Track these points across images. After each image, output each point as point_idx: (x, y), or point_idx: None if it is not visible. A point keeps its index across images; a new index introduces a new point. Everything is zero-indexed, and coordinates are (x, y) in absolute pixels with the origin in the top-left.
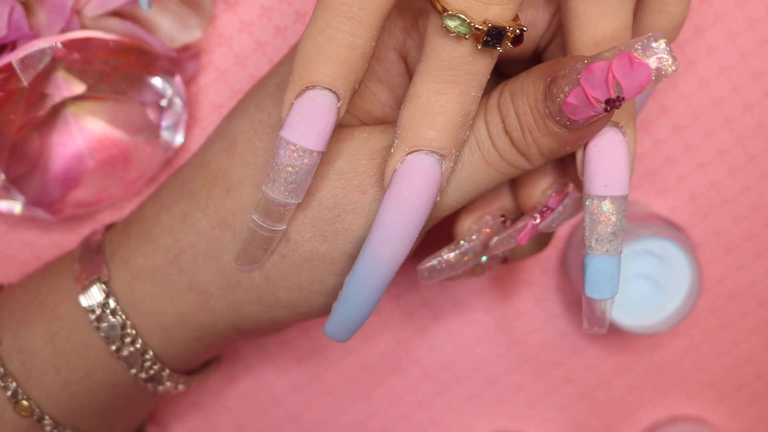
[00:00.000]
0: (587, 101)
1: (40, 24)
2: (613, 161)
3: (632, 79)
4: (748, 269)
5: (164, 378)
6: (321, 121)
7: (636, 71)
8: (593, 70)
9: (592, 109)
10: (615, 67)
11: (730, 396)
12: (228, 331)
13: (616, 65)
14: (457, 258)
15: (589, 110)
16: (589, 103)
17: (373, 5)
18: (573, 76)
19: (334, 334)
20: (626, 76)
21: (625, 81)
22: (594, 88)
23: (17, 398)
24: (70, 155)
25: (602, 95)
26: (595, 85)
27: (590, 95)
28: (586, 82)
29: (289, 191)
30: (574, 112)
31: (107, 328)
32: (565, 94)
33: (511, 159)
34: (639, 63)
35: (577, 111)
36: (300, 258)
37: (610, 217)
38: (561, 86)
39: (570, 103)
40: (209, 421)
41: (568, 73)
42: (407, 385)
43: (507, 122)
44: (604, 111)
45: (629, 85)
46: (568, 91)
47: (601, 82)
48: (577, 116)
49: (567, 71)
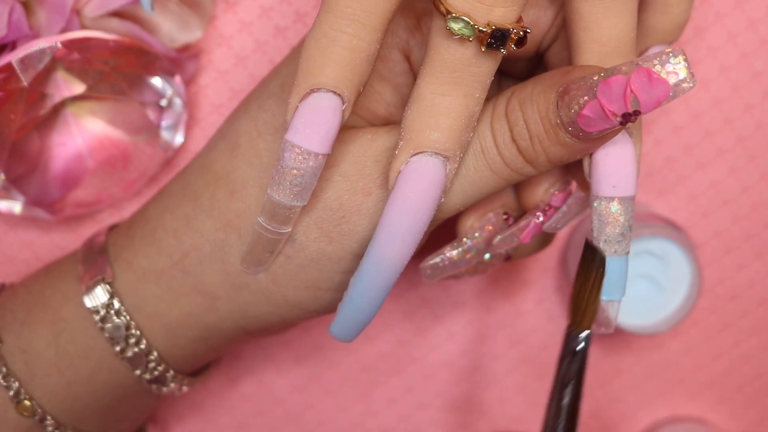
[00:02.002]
0: (603, 114)
1: (40, 24)
2: (620, 162)
3: (650, 95)
4: (748, 269)
5: (169, 379)
6: (326, 124)
7: (654, 87)
8: (611, 84)
9: (607, 122)
10: (633, 81)
11: (730, 396)
12: (234, 331)
13: (635, 80)
14: (460, 256)
15: (604, 123)
16: (605, 116)
17: (377, 8)
18: (589, 89)
19: (340, 334)
20: (644, 90)
21: (643, 96)
22: (611, 102)
23: (19, 398)
24: (70, 155)
25: (619, 109)
26: (613, 98)
27: (607, 108)
28: (603, 96)
29: (295, 194)
30: (588, 125)
31: (112, 329)
32: (579, 105)
33: (517, 167)
34: (658, 79)
35: (592, 123)
36: (306, 258)
37: (619, 218)
38: (575, 97)
39: (585, 116)
40: (209, 421)
41: (583, 85)
42: (407, 385)
43: (515, 131)
44: (620, 124)
45: (647, 99)
46: (583, 103)
47: (618, 96)
48: (591, 128)
49: (582, 83)
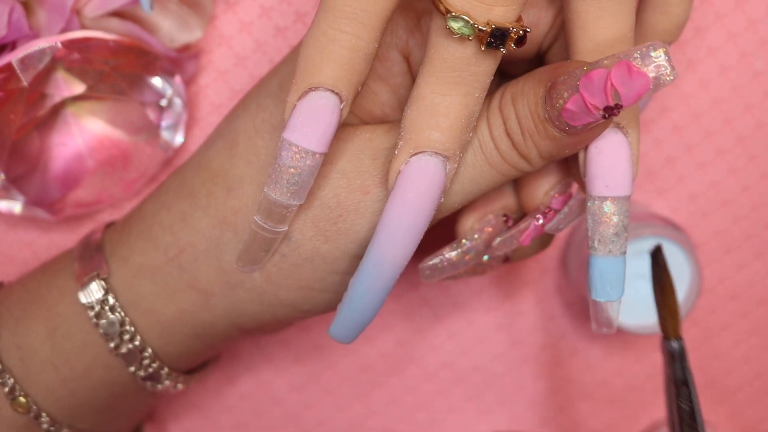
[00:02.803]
0: (586, 108)
1: (40, 24)
2: (613, 162)
3: (630, 88)
4: (748, 269)
5: (163, 376)
6: (324, 123)
7: (634, 80)
8: (592, 78)
9: (590, 116)
10: (613, 75)
11: (730, 396)
12: (229, 329)
13: (615, 73)
14: (459, 257)
15: (587, 116)
16: (587, 110)
17: (375, 7)
18: (572, 83)
19: (339, 335)
20: (624, 84)
21: (623, 89)
22: (592, 96)
23: (15, 395)
24: (70, 155)
25: (600, 102)
26: (594, 92)
27: (589, 102)
28: (585, 89)
29: (292, 192)
30: (572, 118)
31: (106, 325)
32: (564, 100)
33: (513, 161)
34: (637, 72)
35: (575, 117)
36: (300, 257)
37: (612, 217)
38: (560, 92)
39: (569, 109)
40: (208, 421)
41: (567, 80)
42: (407, 385)
43: (508, 125)
44: (603, 118)
45: (627, 93)
46: (567, 98)
47: (599, 89)
48: (575, 122)
49: (566, 77)
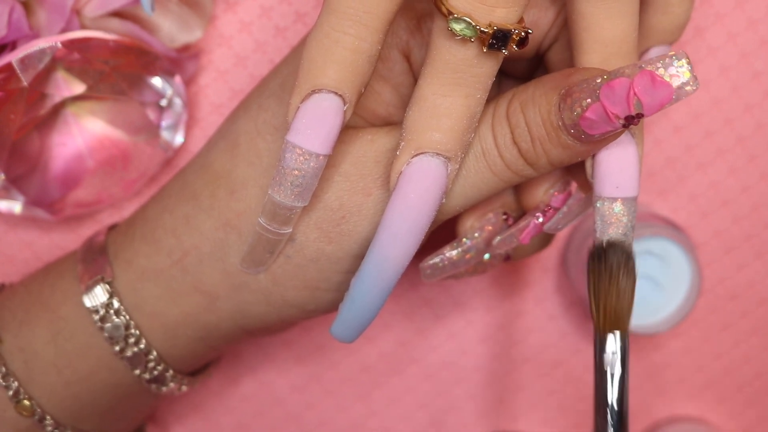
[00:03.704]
0: (606, 117)
1: (40, 24)
2: (623, 163)
3: (654, 97)
4: (748, 269)
5: (168, 379)
6: (327, 125)
7: (657, 89)
8: (614, 87)
9: (610, 125)
10: (637, 84)
11: (730, 396)
12: (233, 331)
13: (638, 83)
14: (460, 256)
15: (606, 125)
16: (607, 119)
17: (379, 9)
18: (592, 91)
19: (341, 334)
20: (648, 93)
21: (646, 98)
22: (614, 105)
23: (18, 398)
24: (70, 155)
25: (622, 112)
26: (616, 101)
27: (610, 111)
28: (606, 98)
29: (296, 195)
30: (591, 127)
31: (111, 329)
32: (582, 108)
33: (518, 169)
34: (661, 82)
35: (594, 126)
36: (305, 259)
37: (622, 218)
38: (578, 100)
39: (588, 118)
40: (210, 421)
41: (586, 88)
42: (407, 385)
43: (516, 133)
44: (622, 127)
45: (650, 102)
46: (586, 106)
47: (621, 98)
48: (593, 131)
49: (585, 85)
